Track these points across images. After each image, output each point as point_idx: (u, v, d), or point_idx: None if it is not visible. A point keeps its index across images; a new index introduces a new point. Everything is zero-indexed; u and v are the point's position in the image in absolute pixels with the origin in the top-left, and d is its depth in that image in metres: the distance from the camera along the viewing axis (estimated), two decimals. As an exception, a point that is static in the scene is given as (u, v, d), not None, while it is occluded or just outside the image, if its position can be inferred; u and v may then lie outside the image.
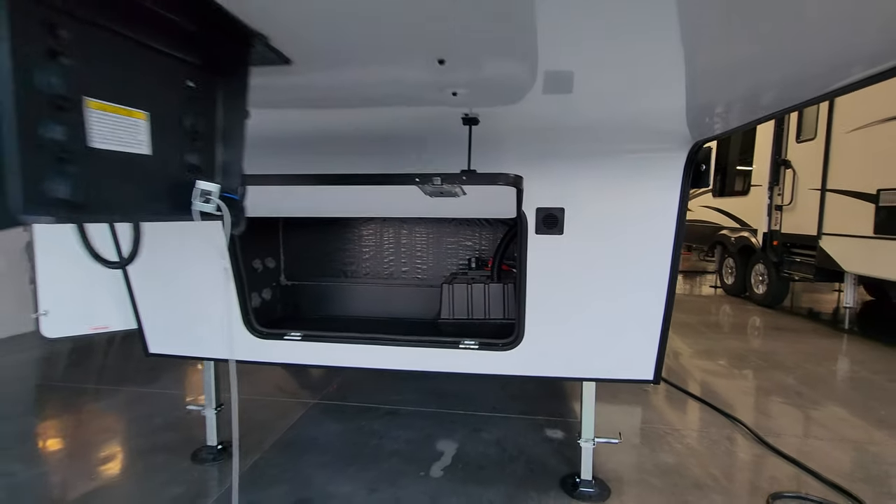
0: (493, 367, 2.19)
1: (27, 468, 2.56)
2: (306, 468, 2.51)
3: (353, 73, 1.10)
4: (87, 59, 0.51)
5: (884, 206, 4.78)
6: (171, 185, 0.67)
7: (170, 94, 0.66)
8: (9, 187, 0.46)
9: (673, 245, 1.90)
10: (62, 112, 0.50)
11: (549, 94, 1.32)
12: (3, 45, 0.44)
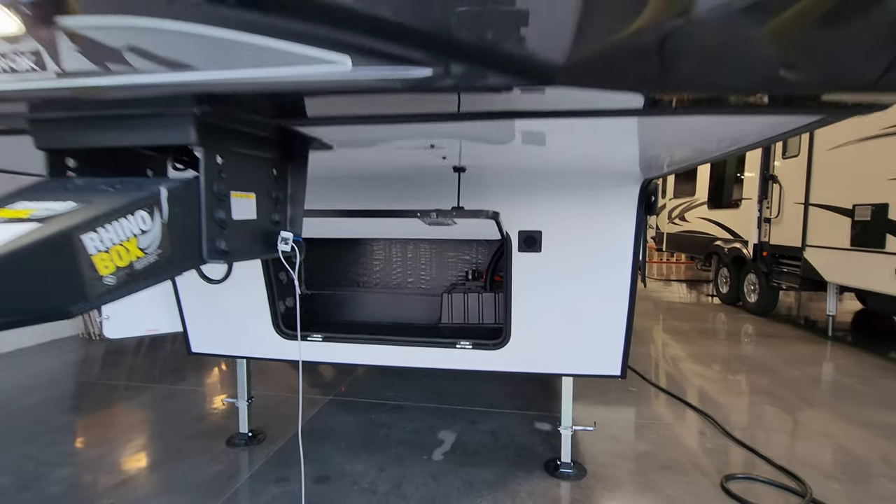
0: (484, 364, 2.58)
1: (90, 450, 2.99)
2: (325, 452, 2.91)
3: (371, 150, 1.53)
4: (231, 170, 0.92)
5: (858, 220, 5.11)
6: (265, 235, 1.07)
7: (264, 179, 1.07)
8: (203, 244, 0.87)
9: (631, 260, 2.29)
10: (221, 202, 0.91)
11: (526, 144, 1.71)
12: (201, 177, 0.86)
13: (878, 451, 2.99)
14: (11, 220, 0.67)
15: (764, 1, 0.57)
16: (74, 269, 0.66)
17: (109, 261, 0.71)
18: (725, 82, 0.66)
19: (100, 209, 0.71)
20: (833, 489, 2.56)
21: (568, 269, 2.37)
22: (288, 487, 2.54)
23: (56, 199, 0.76)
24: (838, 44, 0.62)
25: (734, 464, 2.81)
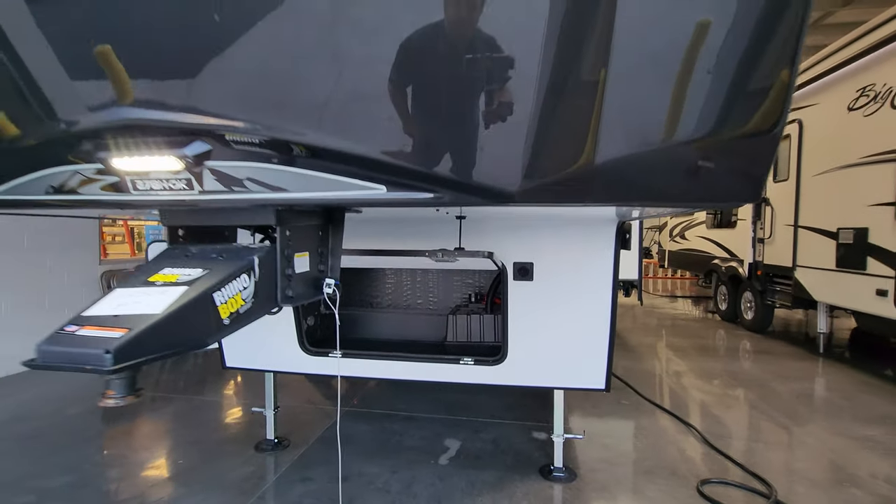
0: (484, 378, 2.93)
1: (134, 453, 3.36)
2: (344, 456, 3.25)
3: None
4: (294, 239, 1.31)
5: (842, 242, 5.41)
6: (315, 281, 1.46)
7: (314, 240, 1.45)
8: (278, 293, 1.27)
9: (611, 287, 2.64)
10: (288, 262, 1.29)
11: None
12: (277, 247, 1.25)
13: (846, 460, 3.27)
14: (169, 284, 1.06)
15: (638, 155, 0.94)
16: (209, 316, 1.04)
17: (226, 309, 1.09)
18: (618, 196, 1.04)
19: (221, 275, 1.10)
20: (798, 492, 2.85)
21: (556, 296, 2.73)
22: (312, 486, 2.89)
23: (187, 265, 1.15)
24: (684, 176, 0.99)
25: (711, 469, 3.11)
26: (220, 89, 0.96)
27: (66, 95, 1.01)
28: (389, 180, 0.97)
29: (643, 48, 0.90)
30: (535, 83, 0.88)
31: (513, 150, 0.95)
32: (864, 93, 5.16)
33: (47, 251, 5.49)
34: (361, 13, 0.90)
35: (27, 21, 0.94)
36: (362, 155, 0.96)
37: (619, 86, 0.90)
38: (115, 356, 0.95)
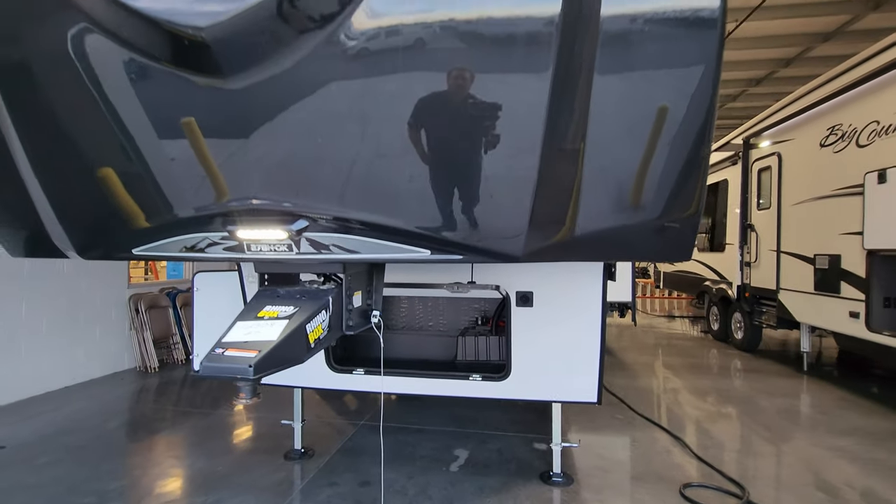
0: (490, 392, 3.33)
1: (175, 461, 3.74)
2: (365, 464, 3.63)
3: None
4: (352, 281, 1.76)
5: (819, 268, 5.84)
6: (365, 313, 1.89)
7: (365, 282, 1.90)
8: (342, 323, 1.70)
9: (600, 313, 3.06)
10: (349, 299, 1.73)
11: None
12: (343, 288, 1.69)
13: (815, 467, 3.64)
14: (274, 318, 1.49)
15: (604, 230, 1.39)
16: (304, 341, 1.47)
17: (313, 336, 1.51)
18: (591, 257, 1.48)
19: (308, 312, 1.53)
20: (769, 494, 3.23)
21: (553, 320, 3.15)
22: (339, 489, 3.27)
23: (280, 304, 1.59)
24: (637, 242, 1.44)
25: (693, 475, 3.48)
26: (315, 187, 1.41)
27: (206, 188, 1.46)
28: (433, 247, 1.41)
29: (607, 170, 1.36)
30: (532, 187, 1.32)
31: (518, 229, 1.40)
32: (833, 131, 5.66)
33: (84, 276, 5.92)
34: (417, 136, 1.36)
35: (181, 145, 1.41)
36: (412, 230, 1.41)
37: (591, 187, 1.35)
38: (254, 369, 1.38)
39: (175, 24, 1.26)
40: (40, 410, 4.84)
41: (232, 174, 1.44)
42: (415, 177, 1.39)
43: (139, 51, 1.36)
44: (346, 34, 1.28)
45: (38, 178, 1.64)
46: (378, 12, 1.29)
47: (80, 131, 1.56)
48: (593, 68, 1.33)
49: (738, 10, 9.30)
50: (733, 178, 8.17)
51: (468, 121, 1.40)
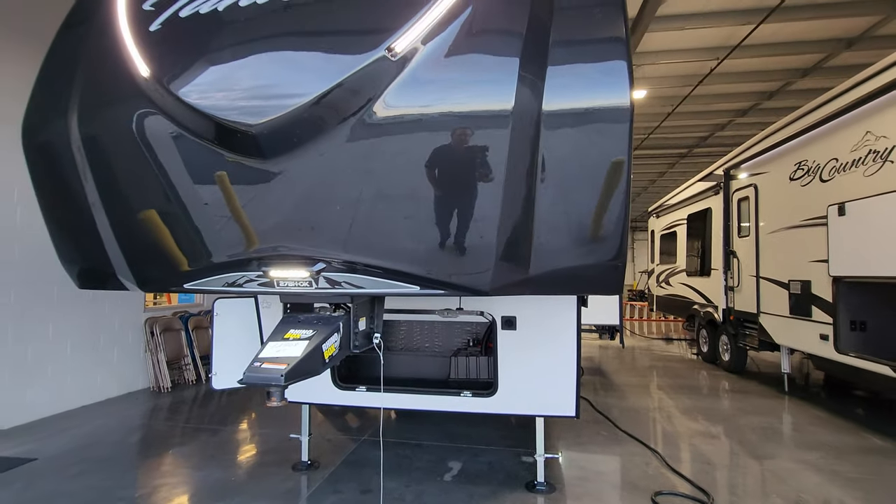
0: (480, 407, 3.70)
1: (193, 471, 4.08)
2: (367, 475, 3.97)
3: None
4: (358, 309, 2.18)
5: (793, 292, 6.23)
6: (368, 336, 2.29)
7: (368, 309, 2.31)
8: (352, 343, 2.12)
9: (576, 335, 3.46)
10: (356, 323, 2.15)
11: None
12: (350, 315, 2.11)
13: (779, 477, 3.96)
14: (297, 339, 1.91)
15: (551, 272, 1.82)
16: (320, 357, 1.89)
17: (327, 353, 1.93)
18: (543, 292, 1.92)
19: (323, 335, 1.95)
20: (733, 502, 3.56)
21: (535, 342, 3.55)
22: (343, 496, 3.61)
23: (301, 328, 2.01)
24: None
25: (666, 485, 3.81)
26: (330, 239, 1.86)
27: (246, 239, 1.90)
28: (421, 284, 1.83)
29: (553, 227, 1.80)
30: (495, 240, 1.76)
31: (485, 270, 1.83)
32: (800, 166, 6.14)
33: (105, 301, 6.35)
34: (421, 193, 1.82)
35: (227, 207, 1.87)
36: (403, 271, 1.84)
37: (540, 239, 1.79)
38: (285, 377, 1.79)
39: (231, 122, 1.72)
40: (65, 427, 5.20)
41: (267, 229, 1.88)
42: (406, 231, 1.83)
43: (201, 137, 1.82)
44: (361, 126, 1.75)
45: (112, 228, 2.09)
46: (389, 105, 1.77)
47: (148, 193, 2.01)
48: (538, 147, 1.78)
49: (720, 49, 9.96)
50: (716, 206, 8.62)
51: (446, 187, 1.85)
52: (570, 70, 1.80)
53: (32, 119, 2.18)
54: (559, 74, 1.78)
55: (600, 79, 1.78)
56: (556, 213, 1.81)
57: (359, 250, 1.86)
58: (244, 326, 4.01)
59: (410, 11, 1.69)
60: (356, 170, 1.79)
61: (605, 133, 1.73)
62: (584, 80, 1.78)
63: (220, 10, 1.84)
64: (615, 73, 1.76)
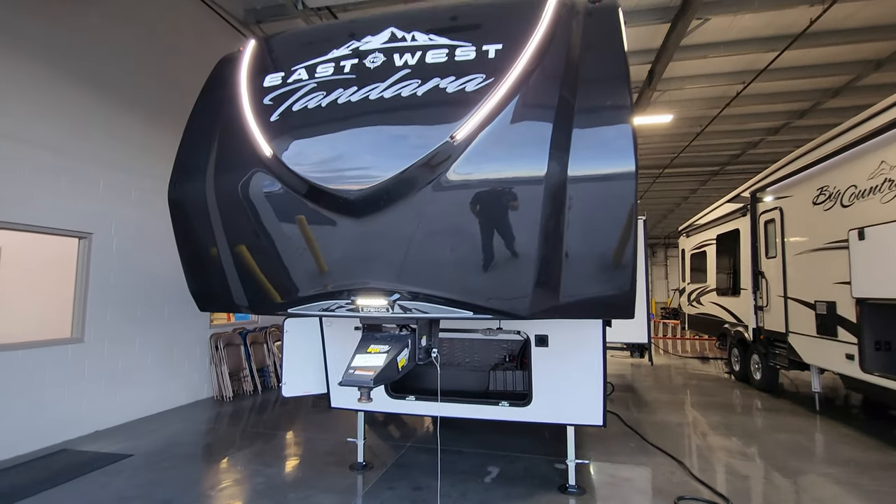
0: (516, 416, 4.17)
1: (267, 468, 4.69)
2: (414, 475, 4.48)
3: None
4: (421, 328, 2.72)
5: (819, 313, 6.42)
6: (428, 351, 2.83)
7: (428, 328, 2.86)
8: (416, 356, 2.67)
9: (602, 352, 3.91)
10: (420, 339, 2.69)
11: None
12: (417, 333, 2.67)
13: (799, 488, 4.24)
14: (377, 353, 2.48)
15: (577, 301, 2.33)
16: (395, 366, 2.44)
17: (400, 364, 2.48)
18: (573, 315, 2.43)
19: (398, 349, 2.51)
20: (751, 507, 3.88)
21: (565, 358, 4.01)
22: (396, 492, 4.13)
23: (378, 344, 2.58)
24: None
25: (688, 490, 4.15)
26: (405, 276, 2.43)
27: (340, 275, 2.51)
28: (475, 309, 2.38)
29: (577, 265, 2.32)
30: (534, 275, 2.29)
31: (524, 300, 2.36)
32: (822, 192, 6.40)
33: (179, 319, 7.16)
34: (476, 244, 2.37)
35: (328, 253, 2.50)
36: (460, 300, 2.39)
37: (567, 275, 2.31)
38: (373, 381, 2.36)
39: (335, 191, 2.34)
40: (150, 429, 5.95)
41: (356, 268, 2.47)
42: (462, 268, 2.38)
43: (309, 200, 2.45)
44: (430, 193, 2.34)
45: (234, 266, 2.73)
46: (460, 172, 2.35)
47: (265, 241, 2.64)
48: (565, 201, 2.31)
49: (745, 73, 10.24)
50: (744, 227, 8.83)
51: (495, 234, 2.39)
52: (588, 137, 2.33)
53: (177, 180, 2.88)
54: (580, 138, 2.31)
55: (612, 146, 2.30)
56: (579, 253, 2.32)
57: (425, 284, 2.41)
58: (309, 341, 4.64)
59: (468, 108, 2.27)
60: (426, 224, 2.36)
61: (615, 191, 2.24)
62: (598, 149, 2.30)
63: (323, 105, 2.47)
64: (623, 142, 2.27)
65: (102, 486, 4.24)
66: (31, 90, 5.19)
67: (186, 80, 7.17)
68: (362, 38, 2.64)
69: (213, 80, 3.16)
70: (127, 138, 6.36)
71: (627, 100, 2.35)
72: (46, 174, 5.35)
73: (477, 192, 2.35)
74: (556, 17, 2.59)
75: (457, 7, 2.78)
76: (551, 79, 2.41)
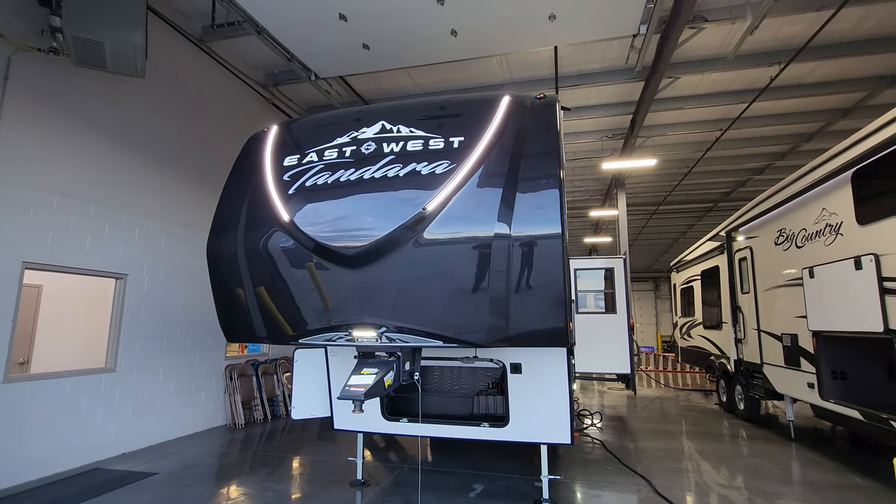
0: (495, 436, 4.73)
1: (276, 485, 5.25)
2: (407, 491, 5.02)
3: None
4: (404, 354, 3.39)
5: (785, 345, 6.95)
6: (411, 374, 3.47)
7: (411, 355, 3.52)
8: (400, 378, 3.33)
9: (566, 379, 4.51)
10: (403, 364, 3.36)
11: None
12: (400, 359, 3.35)
13: (750, 502, 4.72)
14: (369, 374, 3.14)
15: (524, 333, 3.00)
16: (382, 385, 3.10)
17: (387, 383, 3.14)
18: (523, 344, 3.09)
19: (385, 371, 3.17)
20: (703, 518, 4.36)
21: (536, 382, 4.61)
22: (390, 504, 4.68)
23: (369, 367, 3.24)
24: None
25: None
26: (391, 313, 3.12)
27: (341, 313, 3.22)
28: (443, 339, 3.04)
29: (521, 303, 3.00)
30: (488, 313, 2.96)
31: (481, 332, 3.03)
32: (781, 233, 7.05)
33: (198, 350, 7.85)
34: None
35: (329, 296, 3.21)
36: (432, 332, 3.06)
37: (515, 309, 2.99)
38: (364, 395, 3.02)
39: (335, 248, 3.07)
40: (169, 452, 6.54)
41: (353, 307, 3.17)
42: (432, 307, 3.06)
43: (316, 254, 3.19)
44: (410, 248, 3.06)
45: (257, 305, 3.45)
46: (432, 233, 3.07)
47: (280, 285, 3.36)
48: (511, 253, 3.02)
49: (722, 121, 11.08)
50: (723, 264, 9.44)
51: (458, 280, 3.10)
52: (527, 202, 3.05)
53: (214, 236, 3.64)
54: (521, 204, 3.03)
55: (543, 211, 3.01)
56: (523, 295, 3.00)
57: (406, 319, 3.09)
58: (315, 371, 5.29)
59: (437, 186, 3.03)
60: (407, 273, 3.07)
61: (547, 247, 2.95)
62: (533, 213, 3.02)
63: (329, 182, 3.26)
64: (552, 209, 2.99)
65: (132, 499, 4.83)
66: (80, 150, 6.10)
67: (212, 136, 8.15)
68: (360, 129, 3.45)
69: (245, 154, 3.98)
70: (158, 189, 7.25)
71: (556, 170, 3.09)
72: (91, 223, 6.20)
73: (445, 249, 3.07)
74: (509, 111, 3.38)
75: (435, 103, 3.60)
76: (502, 159, 3.17)
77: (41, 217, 5.58)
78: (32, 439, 5.33)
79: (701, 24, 7.46)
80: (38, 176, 5.56)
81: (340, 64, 8.15)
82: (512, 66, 9.27)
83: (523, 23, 6.94)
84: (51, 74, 5.73)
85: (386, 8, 6.49)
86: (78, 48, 5.47)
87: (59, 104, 5.85)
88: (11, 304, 5.22)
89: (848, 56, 8.40)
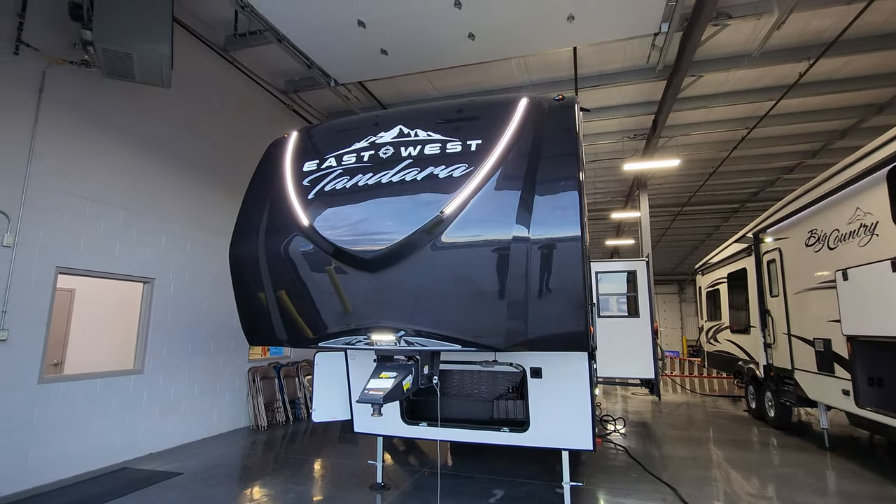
0: (515, 441, 4.68)
1: (302, 486, 5.30)
2: (428, 495, 5.00)
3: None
4: (422, 358, 3.37)
5: (818, 350, 6.69)
6: (430, 377, 3.47)
7: (430, 358, 3.51)
8: (419, 381, 3.32)
9: (588, 383, 4.43)
10: (422, 368, 3.36)
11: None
12: (419, 362, 3.34)
13: (784, 515, 4.54)
14: (387, 378, 3.15)
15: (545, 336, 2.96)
16: (401, 388, 3.10)
17: (406, 387, 3.14)
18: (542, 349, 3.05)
19: (403, 375, 3.17)
20: (732, 529, 4.22)
21: (557, 387, 4.54)
22: (409, 508, 4.66)
23: (388, 371, 3.24)
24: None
25: (676, 514, 4.52)
26: (409, 316, 3.12)
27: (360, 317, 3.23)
28: (462, 343, 3.01)
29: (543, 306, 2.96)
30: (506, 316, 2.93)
31: (500, 335, 3.00)
32: (812, 234, 6.80)
33: (222, 353, 8.00)
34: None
35: (350, 300, 3.23)
36: (451, 336, 3.04)
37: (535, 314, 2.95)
38: (383, 398, 3.02)
39: (354, 252, 3.09)
40: (194, 452, 6.67)
41: (371, 311, 3.18)
42: (451, 311, 3.05)
43: (336, 257, 3.21)
44: (428, 251, 3.06)
45: (278, 308, 3.49)
46: (450, 236, 3.06)
47: (301, 288, 3.40)
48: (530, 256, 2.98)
49: (749, 119, 10.79)
50: (750, 267, 9.16)
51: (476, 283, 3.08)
52: (546, 204, 3.01)
53: (237, 241, 3.71)
54: (540, 206, 2.99)
55: (563, 214, 2.97)
56: (542, 298, 2.96)
57: (424, 323, 3.09)
58: (335, 375, 5.32)
59: (455, 190, 3.02)
60: (425, 277, 3.07)
61: (567, 249, 2.90)
62: (553, 216, 2.97)
63: (347, 187, 3.28)
64: (571, 211, 2.94)
65: (159, 497, 4.94)
66: (109, 158, 6.30)
67: (235, 143, 8.32)
68: (377, 134, 3.47)
69: (266, 160, 4.04)
70: (183, 196, 7.44)
71: (575, 171, 3.05)
72: (121, 228, 6.39)
73: (463, 252, 3.05)
74: (526, 113, 3.35)
75: (452, 106, 3.59)
76: (520, 161, 3.15)
77: (74, 223, 5.78)
78: (65, 438, 5.50)
79: (725, 21, 7.28)
80: (70, 183, 5.77)
81: (359, 70, 8.23)
82: (531, 68, 9.22)
83: (541, 24, 6.89)
84: (82, 86, 5.94)
85: (404, 13, 6.53)
86: (108, 60, 5.66)
87: (89, 115, 6.06)
88: (46, 308, 5.41)
89: (881, 50, 8.08)
